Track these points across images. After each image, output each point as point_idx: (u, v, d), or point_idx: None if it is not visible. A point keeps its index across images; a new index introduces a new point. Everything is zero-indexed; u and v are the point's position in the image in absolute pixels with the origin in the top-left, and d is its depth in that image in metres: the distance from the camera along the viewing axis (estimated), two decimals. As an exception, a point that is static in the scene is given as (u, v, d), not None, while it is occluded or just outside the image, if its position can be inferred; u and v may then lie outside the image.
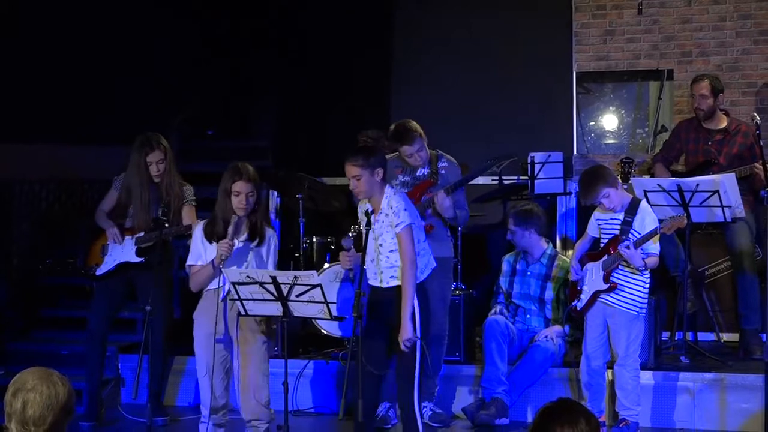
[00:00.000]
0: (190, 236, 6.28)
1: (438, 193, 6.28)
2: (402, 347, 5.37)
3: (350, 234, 5.70)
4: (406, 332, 5.35)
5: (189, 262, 5.65)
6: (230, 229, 5.49)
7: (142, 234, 6.56)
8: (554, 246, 8.05)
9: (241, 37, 9.66)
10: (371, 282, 5.57)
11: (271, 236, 5.68)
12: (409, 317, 5.37)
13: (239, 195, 5.51)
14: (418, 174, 6.46)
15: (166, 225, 6.23)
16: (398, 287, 5.44)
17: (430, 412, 6.54)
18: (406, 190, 6.25)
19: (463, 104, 8.98)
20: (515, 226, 6.84)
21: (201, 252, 5.63)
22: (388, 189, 5.55)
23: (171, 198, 6.54)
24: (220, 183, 5.59)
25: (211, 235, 5.56)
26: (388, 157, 6.08)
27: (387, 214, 5.44)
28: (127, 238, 6.62)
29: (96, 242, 6.74)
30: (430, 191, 6.38)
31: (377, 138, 7.96)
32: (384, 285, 5.46)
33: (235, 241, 5.51)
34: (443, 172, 6.47)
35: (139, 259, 6.55)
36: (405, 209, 5.43)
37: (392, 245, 5.44)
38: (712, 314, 7.60)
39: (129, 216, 6.65)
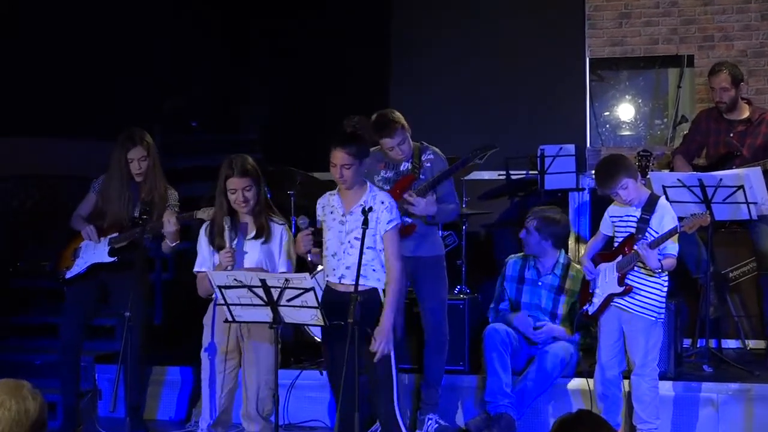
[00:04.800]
0: (164, 237, 6.25)
1: (410, 198, 6.18)
2: (377, 348, 5.33)
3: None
4: (385, 341, 5.33)
5: (196, 268, 5.67)
6: (226, 235, 5.48)
7: (116, 234, 6.53)
8: (567, 246, 8.04)
9: (228, 22, 9.64)
10: (329, 278, 5.56)
11: (282, 230, 5.67)
12: (390, 325, 5.36)
13: (235, 192, 5.50)
14: (401, 169, 6.40)
15: (141, 223, 6.21)
16: (374, 289, 5.42)
17: (436, 425, 6.53)
18: (387, 187, 6.21)
19: (468, 94, 8.96)
20: (536, 231, 6.79)
21: (207, 257, 5.64)
22: (370, 184, 5.59)
23: (154, 198, 6.48)
24: (218, 180, 5.60)
25: (212, 240, 5.58)
26: (372, 149, 6.08)
27: (372, 209, 5.42)
28: (103, 238, 6.59)
29: (69, 246, 6.70)
30: (413, 187, 6.32)
31: (364, 126, 7.79)
32: (348, 281, 5.42)
33: (235, 246, 5.49)
34: (428, 165, 6.39)
35: (111, 259, 6.51)
36: (396, 207, 5.47)
37: (370, 242, 5.41)
38: (737, 319, 7.59)
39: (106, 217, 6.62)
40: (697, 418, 6.52)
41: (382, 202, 5.47)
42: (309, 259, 5.77)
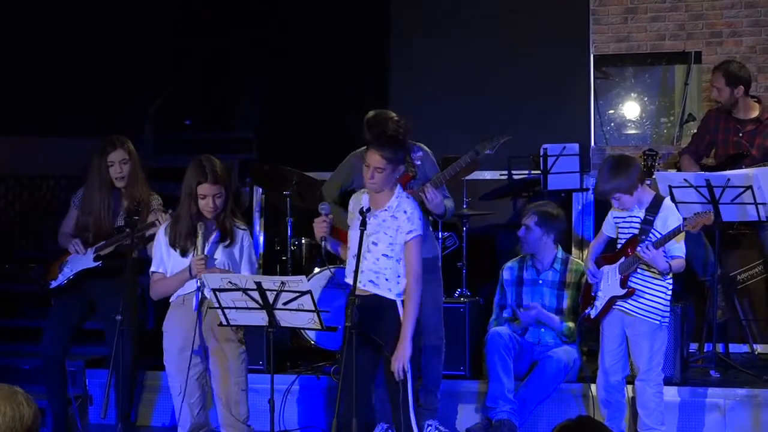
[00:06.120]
0: (149, 241, 6.28)
1: (427, 190, 6.20)
2: (396, 369, 5.37)
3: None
4: (405, 356, 5.37)
5: (153, 268, 5.69)
6: (200, 242, 5.50)
7: (102, 243, 6.53)
8: (570, 247, 8.08)
9: (221, 14, 9.66)
10: (347, 279, 5.57)
11: (244, 235, 5.71)
12: (410, 339, 5.39)
13: (205, 198, 5.52)
14: None
15: (127, 230, 6.25)
16: (384, 298, 5.45)
17: (436, 431, 6.55)
18: None
19: (469, 91, 8.97)
20: (537, 226, 6.83)
21: (164, 258, 5.65)
22: (399, 189, 5.58)
23: (138, 205, 6.49)
24: (184, 181, 5.60)
25: (175, 241, 5.59)
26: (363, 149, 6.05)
27: (395, 216, 5.46)
28: (89, 248, 6.58)
29: (58, 260, 6.70)
30: (410, 186, 6.34)
31: (407, 131, 7.58)
32: (361, 287, 5.47)
33: (207, 253, 5.53)
34: (418, 163, 6.38)
35: (96, 264, 6.50)
36: (420, 218, 5.48)
37: (387, 250, 5.44)
38: (745, 323, 7.61)
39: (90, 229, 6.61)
40: (703, 425, 6.55)
41: (405, 212, 5.46)
42: (323, 245, 5.77)
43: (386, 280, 5.45)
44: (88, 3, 8.88)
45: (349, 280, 5.48)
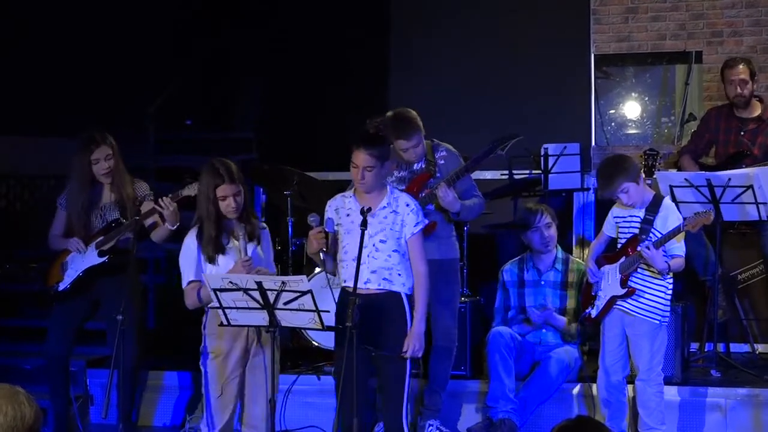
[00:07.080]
0: (147, 229, 6.28)
1: (439, 187, 6.22)
2: (411, 345, 5.45)
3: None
4: (419, 343, 5.47)
5: (191, 278, 5.56)
6: (241, 244, 5.50)
7: (101, 238, 6.53)
8: (570, 247, 8.10)
9: (221, 14, 9.67)
10: (349, 283, 5.54)
11: (264, 232, 5.72)
12: (422, 330, 5.50)
13: (226, 199, 5.51)
14: (415, 168, 6.43)
15: (123, 221, 6.26)
16: (394, 294, 5.51)
17: (437, 431, 6.57)
18: (402, 187, 6.25)
19: (469, 91, 8.98)
20: (554, 221, 6.90)
21: (202, 266, 5.57)
22: (389, 185, 5.64)
23: (124, 198, 6.51)
24: (199, 187, 5.60)
25: (208, 249, 5.52)
26: None
27: (396, 211, 5.51)
28: (89, 246, 6.58)
29: (56, 262, 6.70)
30: (428, 185, 6.36)
31: (387, 127, 7.65)
32: (374, 286, 5.51)
33: (251, 254, 5.53)
34: (442, 162, 6.42)
35: (102, 259, 6.50)
36: (421, 210, 5.57)
37: (396, 245, 5.50)
38: (746, 323, 7.64)
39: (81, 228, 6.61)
40: (704, 424, 6.57)
41: (407, 205, 5.55)
42: (322, 259, 5.77)
43: (399, 275, 5.52)
44: (88, 3, 8.90)
45: (351, 284, 5.45)
